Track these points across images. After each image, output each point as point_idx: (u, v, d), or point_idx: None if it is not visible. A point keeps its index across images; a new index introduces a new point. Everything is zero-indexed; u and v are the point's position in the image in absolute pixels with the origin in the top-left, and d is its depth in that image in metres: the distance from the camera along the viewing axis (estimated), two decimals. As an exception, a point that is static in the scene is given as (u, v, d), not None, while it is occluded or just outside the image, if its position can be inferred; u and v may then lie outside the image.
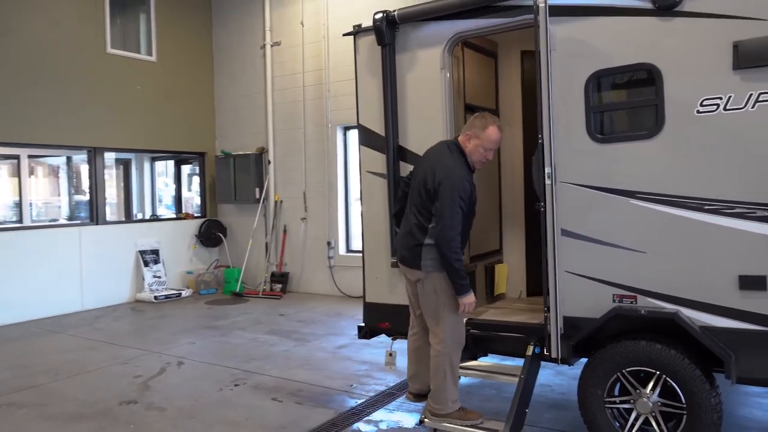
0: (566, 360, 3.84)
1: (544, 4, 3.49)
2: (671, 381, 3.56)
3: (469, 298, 3.80)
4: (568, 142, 3.84)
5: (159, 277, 10.18)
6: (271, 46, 10.68)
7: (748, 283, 3.41)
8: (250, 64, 11.02)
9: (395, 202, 4.33)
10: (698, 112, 3.52)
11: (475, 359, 4.58)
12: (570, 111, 3.84)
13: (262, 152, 10.76)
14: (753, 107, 3.38)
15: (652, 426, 3.66)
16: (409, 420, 4.61)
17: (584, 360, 3.99)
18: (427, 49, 4.49)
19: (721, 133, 3.46)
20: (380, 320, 4.82)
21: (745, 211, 3.42)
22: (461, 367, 4.22)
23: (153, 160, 13.11)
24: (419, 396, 4.33)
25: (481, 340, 4.37)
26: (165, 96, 10.65)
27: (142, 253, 10.12)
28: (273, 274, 10.51)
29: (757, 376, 3.47)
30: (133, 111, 10.16)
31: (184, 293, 10.19)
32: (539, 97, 3.68)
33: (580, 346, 3.90)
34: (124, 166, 12.97)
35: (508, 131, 5.20)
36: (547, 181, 3.57)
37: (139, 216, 12.77)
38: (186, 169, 12.60)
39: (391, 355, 4.90)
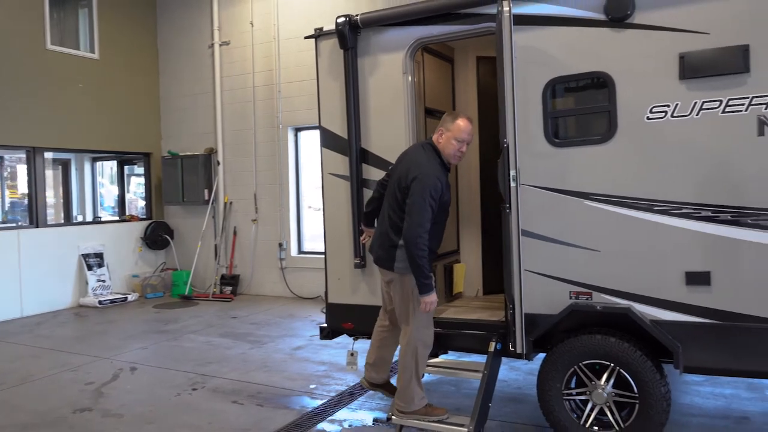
0: (526, 355, 3.98)
1: (508, 14, 3.62)
2: (624, 372, 3.77)
3: (431, 297, 3.85)
4: (527, 146, 4.00)
5: (103, 281, 9.87)
6: (220, 45, 10.54)
7: (694, 278, 3.66)
8: (197, 64, 10.83)
9: (368, 203, 4.36)
10: (648, 118, 3.75)
11: (437, 356, 4.70)
12: (529, 116, 4.01)
13: (210, 153, 10.59)
14: (697, 115, 3.63)
15: (607, 416, 3.86)
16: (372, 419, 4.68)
17: (541, 355, 4.18)
18: (390, 53, 4.57)
19: (669, 138, 3.70)
20: (343, 320, 4.86)
21: (691, 211, 3.67)
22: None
23: (94, 160, 12.69)
24: (373, 385, 4.42)
25: (443, 337, 4.48)
26: (108, 94, 10.34)
27: (86, 256, 9.79)
28: (223, 277, 10.37)
29: (702, 365, 3.72)
30: (75, 110, 9.82)
31: (130, 297, 9.91)
32: (503, 102, 3.80)
33: (538, 341, 4.06)
34: (63, 166, 12.50)
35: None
36: (512, 184, 3.71)
37: (79, 218, 12.34)
38: (128, 170, 12.27)
39: (352, 355, 4.96)
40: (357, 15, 4.61)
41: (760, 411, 4.55)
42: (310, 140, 10.10)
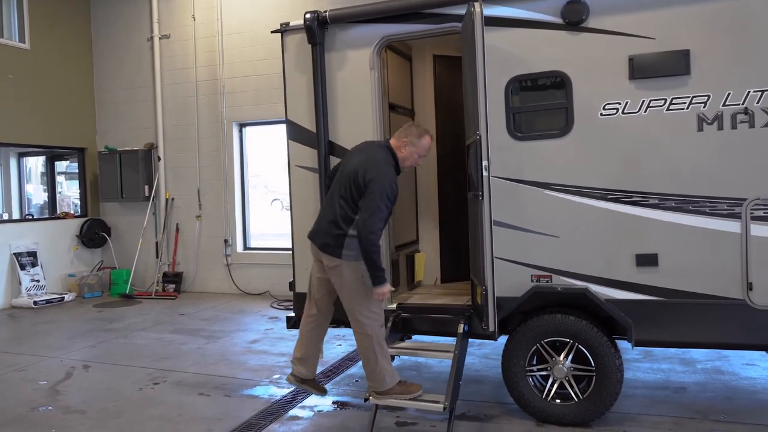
0: (493, 335, 4.24)
1: (480, 15, 3.85)
2: (582, 348, 4.10)
3: (385, 288, 3.96)
4: (491, 140, 4.24)
5: (38, 281, 9.46)
6: (160, 38, 10.32)
7: (643, 260, 4.04)
8: (135, 57, 10.56)
9: (324, 192, 4.45)
10: (601, 114, 4.10)
11: (403, 341, 4.89)
12: (493, 111, 4.25)
13: (151, 148, 10.35)
14: (645, 112, 4.01)
15: (567, 389, 4.18)
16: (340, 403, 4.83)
17: (502, 337, 4.45)
18: (358, 49, 4.73)
19: (620, 133, 4.06)
20: (311, 309, 4.96)
21: (640, 199, 4.04)
22: (393, 347, 4.49)
23: (20, 156, 12.09)
24: (301, 380, 4.36)
25: (411, 322, 4.69)
26: (40, 87, 9.92)
27: (18, 255, 9.35)
28: (165, 274, 10.16)
29: (651, 338, 4.10)
30: (4, 102, 9.36)
31: (67, 297, 9.55)
32: (474, 98, 3.98)
33: (501, 323, 4.33)
34: (-14, 162, 11.86)
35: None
36: (485, 173, 3.95)
37: (5, 216, 11.72)
38: (59, 165, 11.78)
39: (317, 344, 5.06)
40: (325, 11, 4.72)
41: (693, 381, 5.03)
42: (256, 136, 10.10)
